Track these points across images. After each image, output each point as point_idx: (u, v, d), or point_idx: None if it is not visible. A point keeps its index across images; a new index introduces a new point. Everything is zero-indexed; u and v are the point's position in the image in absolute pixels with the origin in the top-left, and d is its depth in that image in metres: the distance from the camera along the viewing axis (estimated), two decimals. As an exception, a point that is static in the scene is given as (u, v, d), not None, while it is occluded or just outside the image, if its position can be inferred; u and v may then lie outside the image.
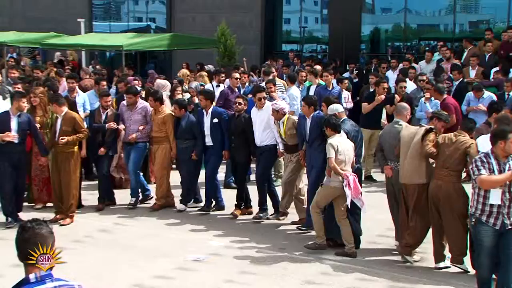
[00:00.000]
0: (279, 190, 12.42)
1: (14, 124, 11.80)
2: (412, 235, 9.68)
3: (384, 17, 29.04)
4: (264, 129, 12.12)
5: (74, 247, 10.47)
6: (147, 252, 10.68)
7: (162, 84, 16.34)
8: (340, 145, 10.10)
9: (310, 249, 10.48)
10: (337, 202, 10.31)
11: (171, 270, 9.85)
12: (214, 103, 13.72)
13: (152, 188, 13.79)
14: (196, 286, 9.31)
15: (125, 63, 24.33)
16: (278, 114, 11.77)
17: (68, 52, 28.45)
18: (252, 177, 13.28)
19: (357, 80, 20.19)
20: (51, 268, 4.20)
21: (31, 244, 4.17)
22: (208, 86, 17.50)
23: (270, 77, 16.13)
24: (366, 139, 14.63)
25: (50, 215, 11.92)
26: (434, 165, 9.60)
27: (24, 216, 11.53)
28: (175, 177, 13.52)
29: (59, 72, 19.18)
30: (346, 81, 17.94)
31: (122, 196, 13.66)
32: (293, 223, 11.99)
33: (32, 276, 4.13)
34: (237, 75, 16.45)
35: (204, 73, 19.68)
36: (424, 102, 14.99)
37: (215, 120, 12.62)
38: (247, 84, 16.99)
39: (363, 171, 14.77)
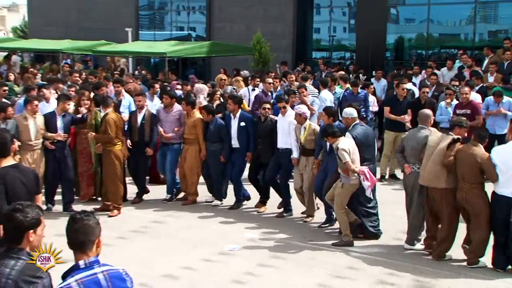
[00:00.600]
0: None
1: (59, 123, 12.12)
2: (444, 243, 9.60)
3: (408, 27, 28.68)
4: (287, 134, 12.01)
5: (119, 237, 10.54)
6: (187, 242, 10.69)
7: (201, 88, 16.29)
8: (350, 146, 10.15)
9: (338, 246, 10.46)
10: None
11: (210, 259, 9.85)
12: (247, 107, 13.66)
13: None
14: (232, 273, 9.26)
15: (168, 69, 24.57)
16: (300, 118, 11.65)
17: (116, 59, 28.71)
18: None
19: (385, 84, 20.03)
20: (97, 255, 4.27)
21: (80, 234, 4.24)
22: (244, 90, 17.48)
23: (306, 83, 16.03)
24: (390, 140, 14.71)
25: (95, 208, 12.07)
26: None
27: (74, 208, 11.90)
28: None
29: (107, 77, 19.27)
30: (372, 86, 17.88)
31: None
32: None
33: (81, 263, 4.21)
34: (270, 80, 16.47)
35: (240, 78, 19.63)
36: (446, 107, 14.69)
37: (242, 124, 12.53)
38: (279, 88, 16.86)
39: (388, 170, 14.71)
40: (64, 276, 4.21)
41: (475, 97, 14.85)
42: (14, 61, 29.33)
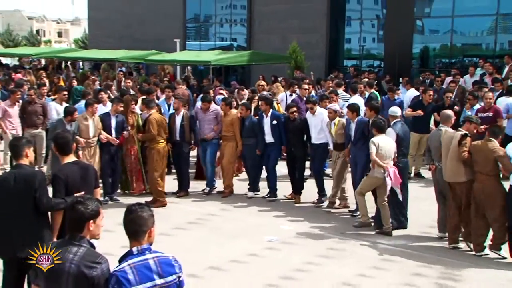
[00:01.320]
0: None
1: (113, 122, 12.40)
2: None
3: (433, 37, 28.38)
4: (319, 130, 12.31)
5: (168, 227, 10.53)
6: (230, 234, 10.66)
7: (245, 92, 16.55)
8: (381, 143, 10.16)
9: (357, 227, 10.77)
10: (379, 191, 10.41)
11: (252, 250, 9.76)
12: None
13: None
14: (273, 264, 9.18)
15: (213, 76, 24.59)
16: (335, 114, 12.00)
17: (165, 66, 28.83)
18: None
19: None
20: (150, 244, 4.38)
21: (134, 224, 4.36)
22: (281, 95, 17.48)
23: (340, 89, 16.27)
24: (415, 141, 14.44)
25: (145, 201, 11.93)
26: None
27: (126, 200, 12.08)
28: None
29: (156, 83, 19.39)
30: (399, 91, 17.69)
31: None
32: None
33: (134, 249, 4.32)
34: (306, 86, 16.54)
35: (279, 84, 19.54)
36: (467, 110, 14.53)
37: (274, 122, 12.70)
38: (312, 93, 16.83)
39: (413, 169, 14.50)
40: (120, 261, 4.33)
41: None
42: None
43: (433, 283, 8.42)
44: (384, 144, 10.22)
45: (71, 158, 7.06)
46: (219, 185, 13.57)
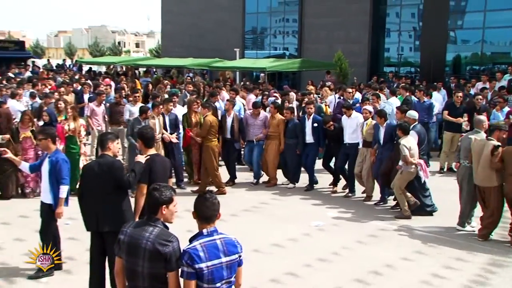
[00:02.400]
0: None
1: (167, 120, 12.61)
2: (490, 226, 9.27)
3: (465, 47, 27.76)
4: (352, 131, 12.22)
5: (228, 213, 10.41)
6: (282, 219, 10.65)
7: (292, 95, 16.48)
8: (410, 144, 10.35)
9: (397, 218, 10.62)
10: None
11: (303, 233, 9.75)
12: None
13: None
14: (322, 247, 9.07)
15: (268, 80, 24.61)
16: (369, 114, 11.96)
17: (226, 72, 29.09)
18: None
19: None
20: (215, 227, 4.43)
21: (210, 209, 4.42)
22: (330, 97, 17.36)
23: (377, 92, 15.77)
24: (448, 139, 14.35)
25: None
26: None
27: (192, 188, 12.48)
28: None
29: (218, 85, 19.32)
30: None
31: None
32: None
33: (204, 231, 4.38)
34: (350, 90, 16.21)
35: (327, 88, 19.23)
36: (497, 112, 13.97)
37: (315, 125, 12.65)
38: (355, 96, 16.56)
39: (446, 164, 14.56)
40: (190, 240, 4.37)
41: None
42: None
43: (477, 267, 8.18)
44: (411, 144, 10.43)
45: (152, 151, 7.25)
46: (244, 178, 13.71)
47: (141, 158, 7.01)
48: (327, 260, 8.45)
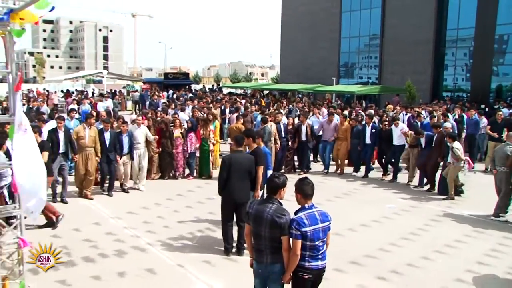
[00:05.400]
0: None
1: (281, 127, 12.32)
2: None
3: (505, 78, 26.20)
4: (398, 136, 11.83)
5: (324, 198, 9.86)
6: (361, 201, 10.14)
7: (370, 111, 16.04)
8: (459, 146, 10.07)
9: (446, 199, 10.22)
10: (452, 173, 10.27)
11: (382, 214, 9.15)
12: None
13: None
14: (395, 224, 8.59)
15: (356, 101, 24.96)
16: (408, 132, 11.63)
17: (326, 94, 29.30)
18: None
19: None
20: (312, 203, 4.27)
21: (311, 189, 4.29)
22: (401, 114, 16.43)
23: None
24: (492, 147, 13.14)
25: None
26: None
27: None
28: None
29: (313, 102, 19.71)
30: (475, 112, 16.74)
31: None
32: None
33: (306, 205, 4.25)
34: (416, 109, 16.07)
35: (391, 106, 18.69)
36: None
37: (373, 130, 12.36)
38: (423, 112, 15.74)
39: (490, 165, 13.06)
40: (296, 212, 4.24)
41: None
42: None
43: None
44: (459, 147, 10.12)
45: (257, 144, 7.22)
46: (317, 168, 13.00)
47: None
48: (407, 238, 7.79)
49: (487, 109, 18.35)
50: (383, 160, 12.49)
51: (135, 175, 10.78)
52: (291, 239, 4.16)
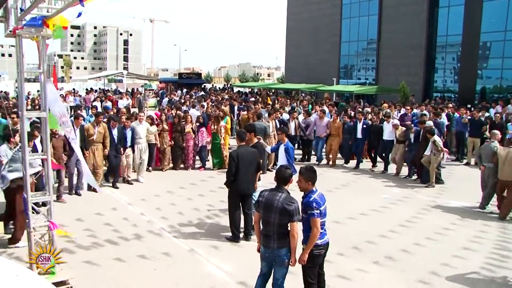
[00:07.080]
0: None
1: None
2: (508, 208, 8.32)
3: (489, 81, 25.94)
4: (389, 132, 11.77)
5: (325, 189, 9.50)
6: (359, 191, 10.07)
7: (368, 110, 15.92)
8: (438, 139, 10.07)
9: (427, 187, 10.30)
10: (434, 162, 10.37)
11: (379, 203, 9.10)
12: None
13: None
14: (390, 213, 8.51)
15: (354, 100, 24.85)
16: (398, 126, 11.60)
17: (326, 94, 29.07)
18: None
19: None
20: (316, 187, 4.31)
21: (316, 176, 4.38)
22: (395, 112, 16.34)
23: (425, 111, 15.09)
24: (470, 142, 13.51)
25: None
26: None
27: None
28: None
29: (315, 101, 19.57)
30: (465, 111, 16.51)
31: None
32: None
33: (314, 189, 4.34)
34: (408, 107, 16.00)
35: (386, 104, 18.50)
36: (511, 125, 13.17)
37: (364, 126, 12.32)
38: (414, 111, 15.99)
39: (473, 160, 13.28)
40: (308, 196, 4.31)
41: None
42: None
43: (495, 234, 7.44)
44: (439, 139, 10.35)
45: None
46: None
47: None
48: (403, 225, 7.77)
49: (472, 109, 18.18)
50: (372, 152, 12.50)
51: (136, 168, 10.60)
52: (311, 219, 4.20)
